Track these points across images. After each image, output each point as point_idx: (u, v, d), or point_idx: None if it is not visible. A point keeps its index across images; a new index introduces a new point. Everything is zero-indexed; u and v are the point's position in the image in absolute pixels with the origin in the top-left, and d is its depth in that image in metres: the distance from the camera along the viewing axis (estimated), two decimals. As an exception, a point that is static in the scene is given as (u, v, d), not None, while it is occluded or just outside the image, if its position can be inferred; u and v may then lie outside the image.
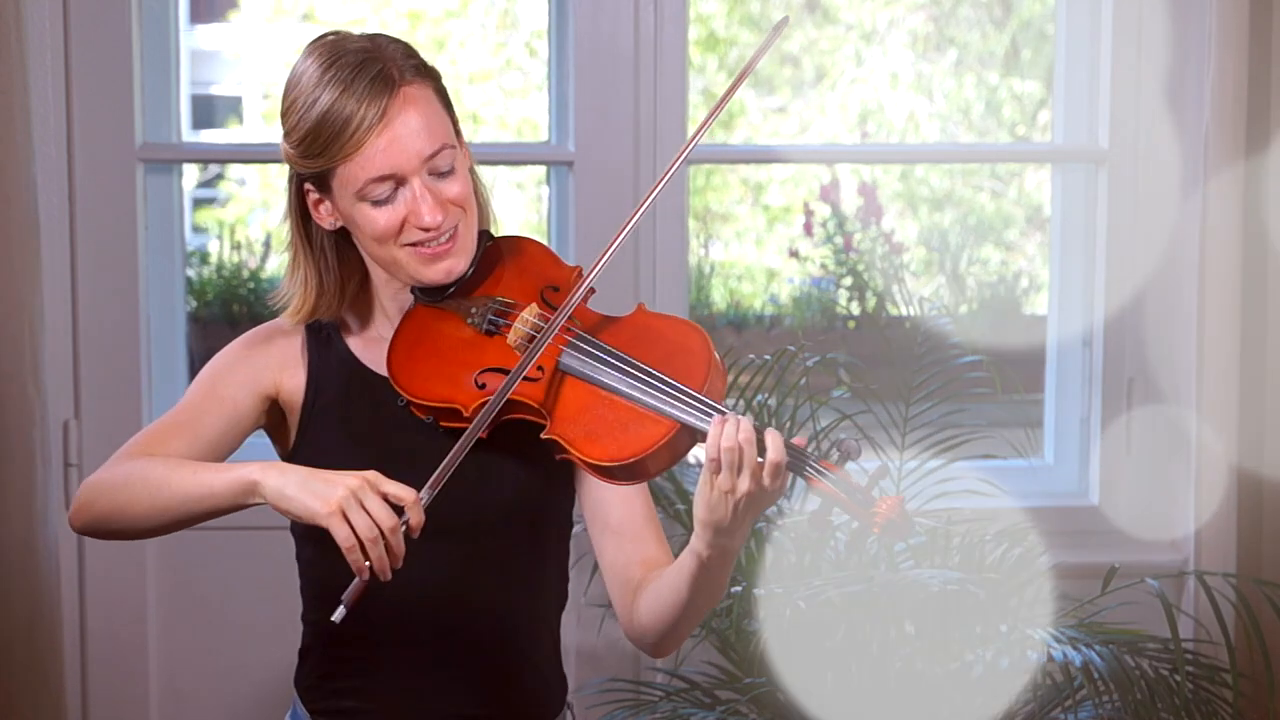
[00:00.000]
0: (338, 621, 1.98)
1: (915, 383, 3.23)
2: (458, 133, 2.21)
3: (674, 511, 3.19)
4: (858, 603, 2.99)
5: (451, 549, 2.13)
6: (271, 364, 2.26)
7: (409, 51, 2.19)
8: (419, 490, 2.01)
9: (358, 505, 1.97)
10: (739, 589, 3.11)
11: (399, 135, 2.11)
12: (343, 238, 2.23)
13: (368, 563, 1.96)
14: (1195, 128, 3.33)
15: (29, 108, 3.08)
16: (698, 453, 3.30)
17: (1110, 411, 3.50)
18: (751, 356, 3.15)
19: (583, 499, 2.26)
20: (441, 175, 2.15)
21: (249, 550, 3.26)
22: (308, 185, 2.19)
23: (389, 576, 1.98)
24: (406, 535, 1.98)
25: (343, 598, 1.98)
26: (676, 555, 2.21)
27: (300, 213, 2.23)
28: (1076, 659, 2.86)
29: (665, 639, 2.20)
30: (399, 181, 2.13)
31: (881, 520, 1.99)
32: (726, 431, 1.99)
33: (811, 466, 2.01)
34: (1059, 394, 3.59)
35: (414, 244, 2.14)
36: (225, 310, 3.40)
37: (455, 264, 2.18)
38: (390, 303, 2.25)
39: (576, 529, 2.87)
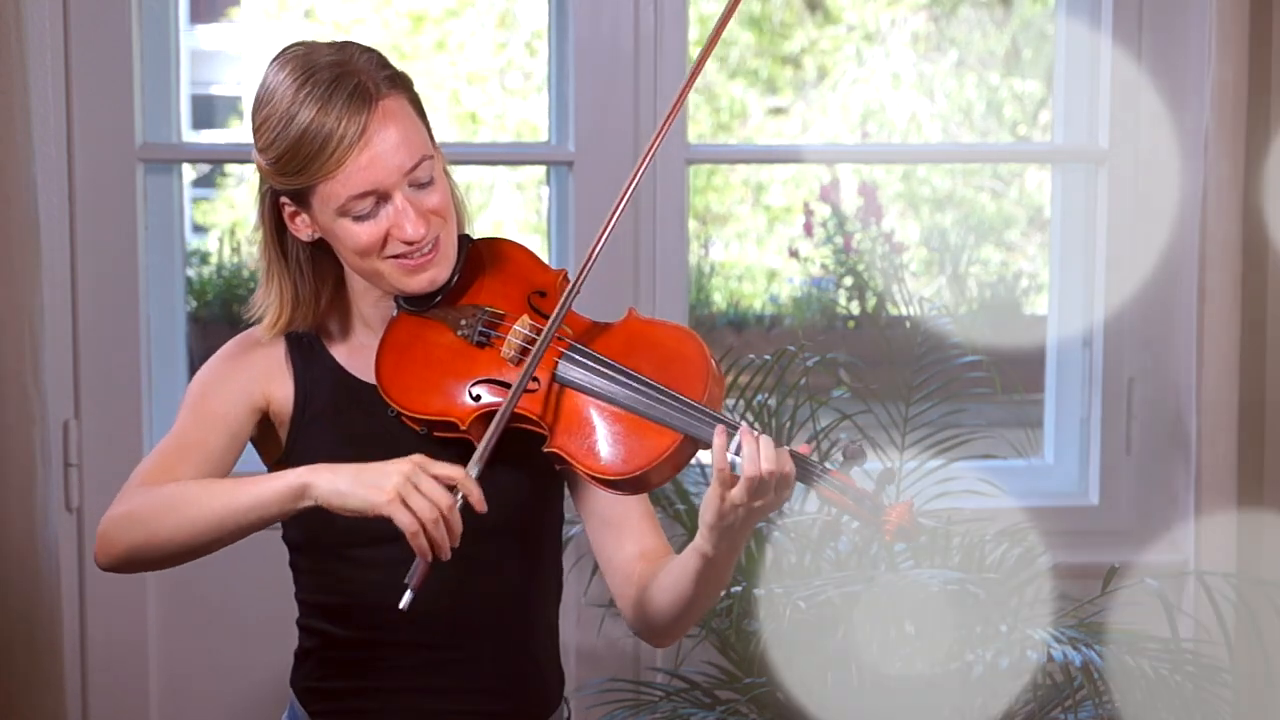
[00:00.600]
0: (405, 609, 1.99)
1: (915, 383, 3.23)
2: (431, 138, 2.20)
3: (674, 511, 3.20)
4: (858, 603, 2.99)
5: (459, 549, 2.08)
6: (258, 375, 2.25)
7: (382, 62, 2.18)
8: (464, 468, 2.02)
9: (414, 489, 1.98)
10: (739, 589, 3.10)
11: (379, 152, 2.10)
12: (317, 246, 2.21)
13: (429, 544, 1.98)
14: (1195, 128, 3.33)
15: (29, 108, 3.08)
16: (700, 455, 3.29)
17: (1110, 411, 3.50)
18: (751, 356, 3.16)
19: (576, 497, 2.26)
20: (422, 187, 2.13)
21: (249, 550, 3.18)
22: (283, 199, 2.16)
23: (449, 555, 1.99)
24: (466, 511, 1.99)
25: (408, 581, 1.99)
26: (677, 552, 2.23)
27: (274, 224, 2.20)
28: (1076, 659, 2.85)
29: (670, 630, 2.22)
30: (381, 197, 2.11)
31: (893, 527, 2.00)
32: (747, 454, 1.99)
33: (820, 476, 2.01)
34: (1059, 394, 3.60)
35: (397, 256, 2.14)
36: (225, 310, 3.40)
37: (438, 273, 2.17)
38: (371, 310, 2.25)
39: (575, 530, 2.89)
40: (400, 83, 2.16)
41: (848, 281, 3.20)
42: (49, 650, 3.18)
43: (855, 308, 3.17)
